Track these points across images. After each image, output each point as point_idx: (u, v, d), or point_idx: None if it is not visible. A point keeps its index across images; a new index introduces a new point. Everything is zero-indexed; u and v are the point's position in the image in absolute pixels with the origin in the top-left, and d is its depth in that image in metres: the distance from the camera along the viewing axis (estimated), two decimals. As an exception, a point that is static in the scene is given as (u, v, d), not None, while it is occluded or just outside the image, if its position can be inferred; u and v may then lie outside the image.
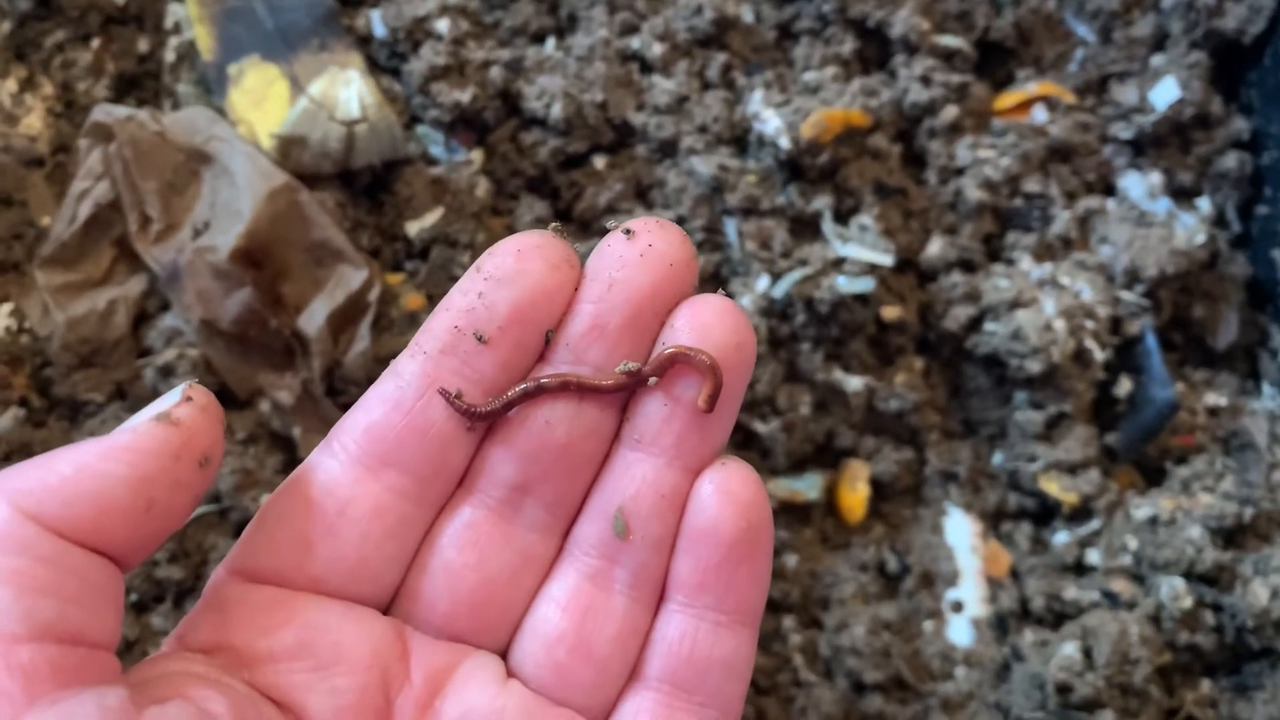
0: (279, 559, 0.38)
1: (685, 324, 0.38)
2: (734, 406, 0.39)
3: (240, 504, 0.72)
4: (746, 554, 0.39)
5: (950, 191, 0.86)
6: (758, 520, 0.39)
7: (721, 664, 0.39)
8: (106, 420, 0.73)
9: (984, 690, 0.77)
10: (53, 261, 0.75)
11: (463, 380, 0.38)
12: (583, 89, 0.83)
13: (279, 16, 0.81)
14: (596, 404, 0.39)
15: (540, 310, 0.38)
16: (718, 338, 0.38)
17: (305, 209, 0.74)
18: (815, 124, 0.81)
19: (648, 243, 0.38)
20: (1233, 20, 0.87)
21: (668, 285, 0.38)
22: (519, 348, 0.38)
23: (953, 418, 0.87)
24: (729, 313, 0.38)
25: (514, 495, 0.39)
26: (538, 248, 0.38)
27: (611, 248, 0.38)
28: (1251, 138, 0.88)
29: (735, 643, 0.39)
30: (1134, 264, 0.84)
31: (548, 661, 0.39)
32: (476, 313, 0.38)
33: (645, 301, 0.38)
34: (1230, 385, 0.87)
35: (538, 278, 0.37)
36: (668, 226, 0.38)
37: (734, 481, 0.39)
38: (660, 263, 0.38)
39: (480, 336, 0.38)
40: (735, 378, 0.38)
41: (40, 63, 0.83)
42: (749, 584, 0.39)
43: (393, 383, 0.38)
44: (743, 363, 0.38)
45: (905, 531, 0.84)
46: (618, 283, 0.38)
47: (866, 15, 0.87)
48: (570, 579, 0.40)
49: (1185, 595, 0.75)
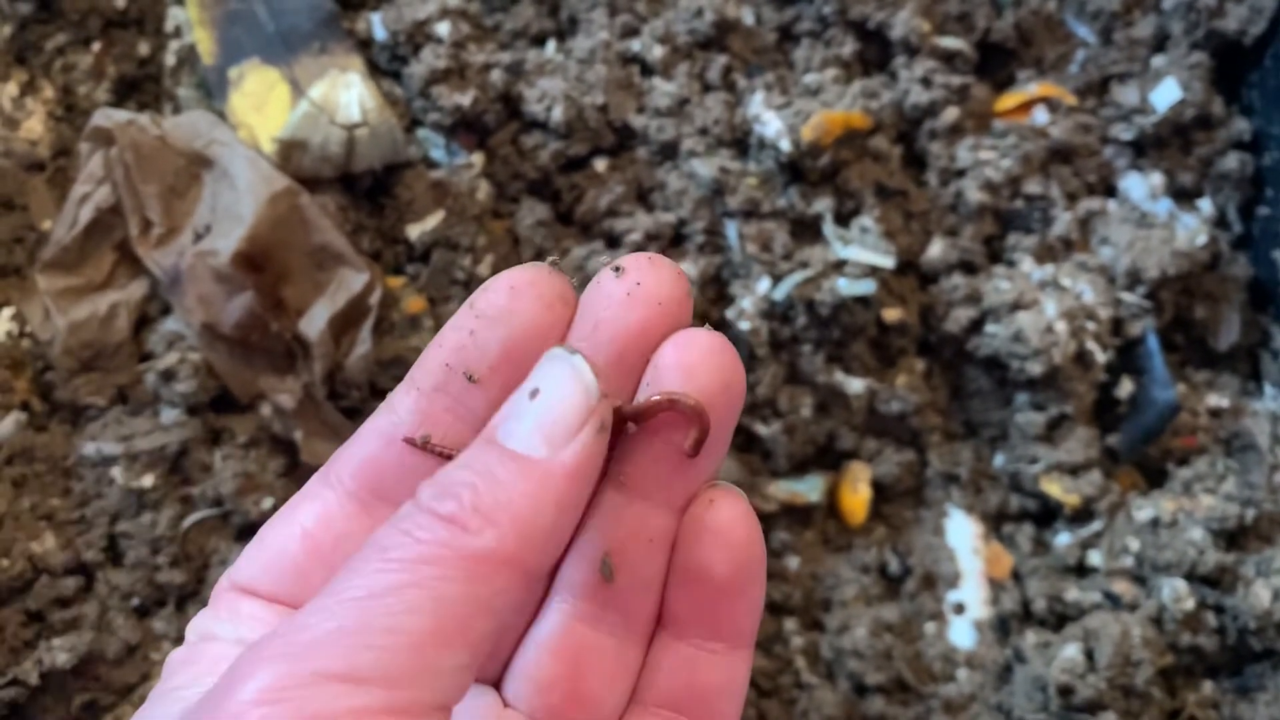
0: (276, 585, 0.38)
1: (671, 363, 0.36)
2: (722, 448, 0.38)
3: (241, 508, 0.72)
4: (740, 590, 0.38)
5: (951, 193, 0.86)
6: (749, 556, 0.38)
7: (719, 688, 0.39)
8: (108, 424, 0.73)
9: (986, 692, 0.77)
10: (54, 266, 0.75)
11: (454, 418, 0.37)
12: (583, 92, 0.83)
13: (280, 20, 0.81)
14: None
15: (531, 349, 0.36)
16: (703, 379, 0.36)
17: (306, 213, 0.74)
18: (816, 126, 0.81)
19: (635, 280, 0.36)
20: (1234, 21, 0.87)
21: (657, 322, 0.36)
22: (509, 388, 0.36)
23: (954, 419, 0.87)
24: (716, 351, 0.36)
25: None
26: (531, 284, 0.36)
27: (600, 285, 0.37)
28: (1253, 138, 0.88)
29: (731, 666, 0.39)
30: (1135, 265, 0.84)
31: (541, 705, 0.39)
32: (467, 351, 0.37)
33: (632, 341, 0.36)
34: (1232, 386, 0.87)
35: (530, 316, 0.36)
36: (659, 263, 0.37)
37: (724, 520, 0.37)
38: (649, 302, 0.36)
39: (470, 376, 0.37)
40: (723, 418, 0.37)
41: (41, 66, 0.83)
42: (744, 613, 0.39)
43: (387, 418, 0.38)
44: (730, 403, 0.37)
45: (907, 533, 0.84)
46: (604, 322, 0.36)
47: (867, 17, 0.87)
48: (559, 621, 0.39)
49: (1187, 597, 0.75)
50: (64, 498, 0.72)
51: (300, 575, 0.38)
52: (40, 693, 0.68)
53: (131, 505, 0.72)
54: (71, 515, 0.72)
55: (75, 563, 0.71)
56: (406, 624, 0.30)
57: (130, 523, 0.72)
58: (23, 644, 0.68)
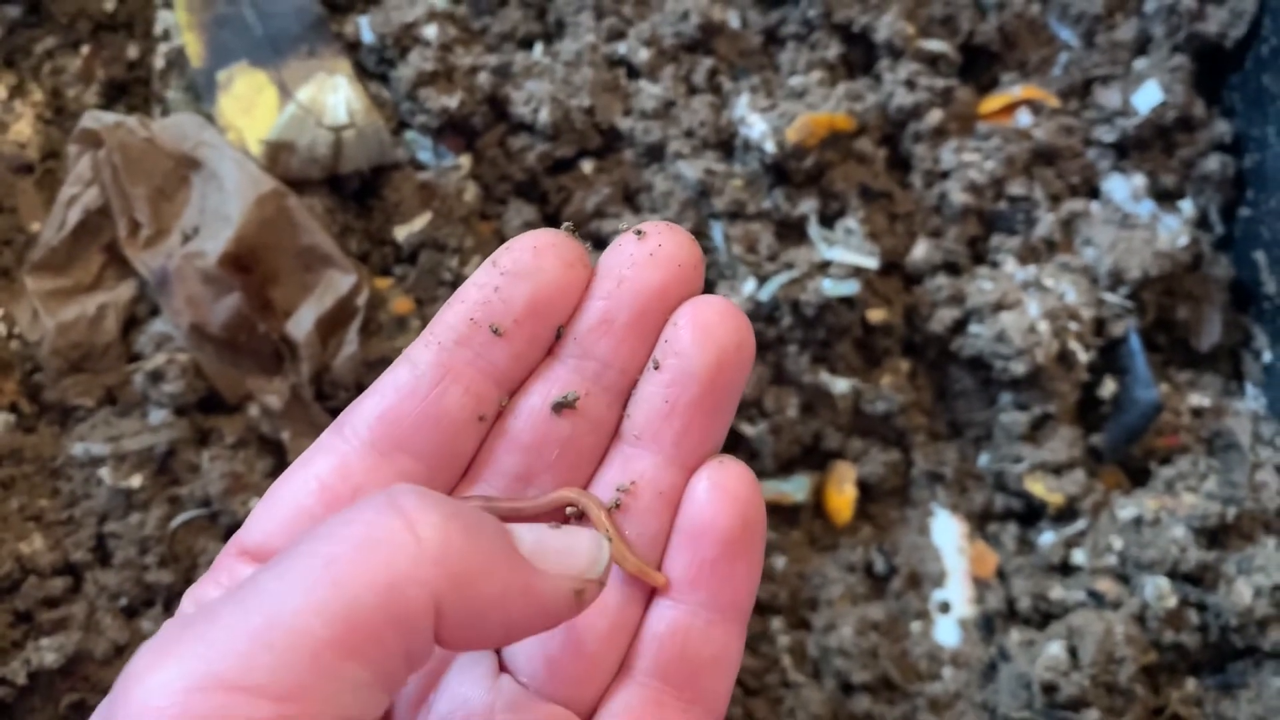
0: (290, 537, 0.38)
1: (688, 322, 0.39)
2: (733, 406, 0.40)
3: (229, 508, 0.72)
4: (742, 550, 0.39)
5: (935, 195, 0.87)
6: (754, 518, 0.39)
7: (711, 660, 0.40)
8: (96, 425, 0.74)
9: (971, 690, 0.77)
10: (42, 267, 0.75)
11: (476, 371, 0.39)
12: (570, 94, 0.83)
13: (268, 23, 0.81)
14: (604, 397, 0.40)
15: (555, 304, 0.39)
16: (719, 336, 0.38)
17: (294, 214, 0.74)
18: (801, 128, 0.82)
19: (658, 243, 0.39)
20: (1215, 24, 0.88)
21: (676, 284, 0.39)
22: (533, 341, 0.39)
23: (939, 419, 0.87)
24: (730, 313, 0.39)
25: (517, 486, 0.40)
26: (553, 245, 0.39)
27: (623, 247, 0.39)
28: (1234, 140, 0.89)
29: (725, 639, 0.40)
30: (1118, 266, 0.84)
31: (540, 655, 0.39)
32: (492, 305, 0.38)
33: (654, 298, 0.39)
34: (1214, 386, 0.88)
35: (554, 273, 0.39)
36: (677, 230, 0.39)
37: (731, 478, 0.39)
38: (670, 262, 0.39)
39: (496, 329, 0.38)
40: (735, 377, 0.39)
41: (30, 69, 0.84)
42: (742, 580, 0.40)
43: (408, 370, 0.39)
44: (742, 362, 0.39)
45: (892, 533, 0.84)
46: (627, 279, 0.39)
47: (851, 20, 0.88)
48: None
49: (1170, 595, 0.75)
50: (52, 498, 0.72)
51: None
52: (28, 693, 0.68)
53: (120, 505, 0.72)
54: (60, 516, 0.72)
55: (63, 563, 0.71)
56: (311, 628, 0.29)
57: (118, 523, 0.72)
58: (10, 644, 0.68)
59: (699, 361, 0.39)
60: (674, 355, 0.39)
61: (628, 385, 0.40)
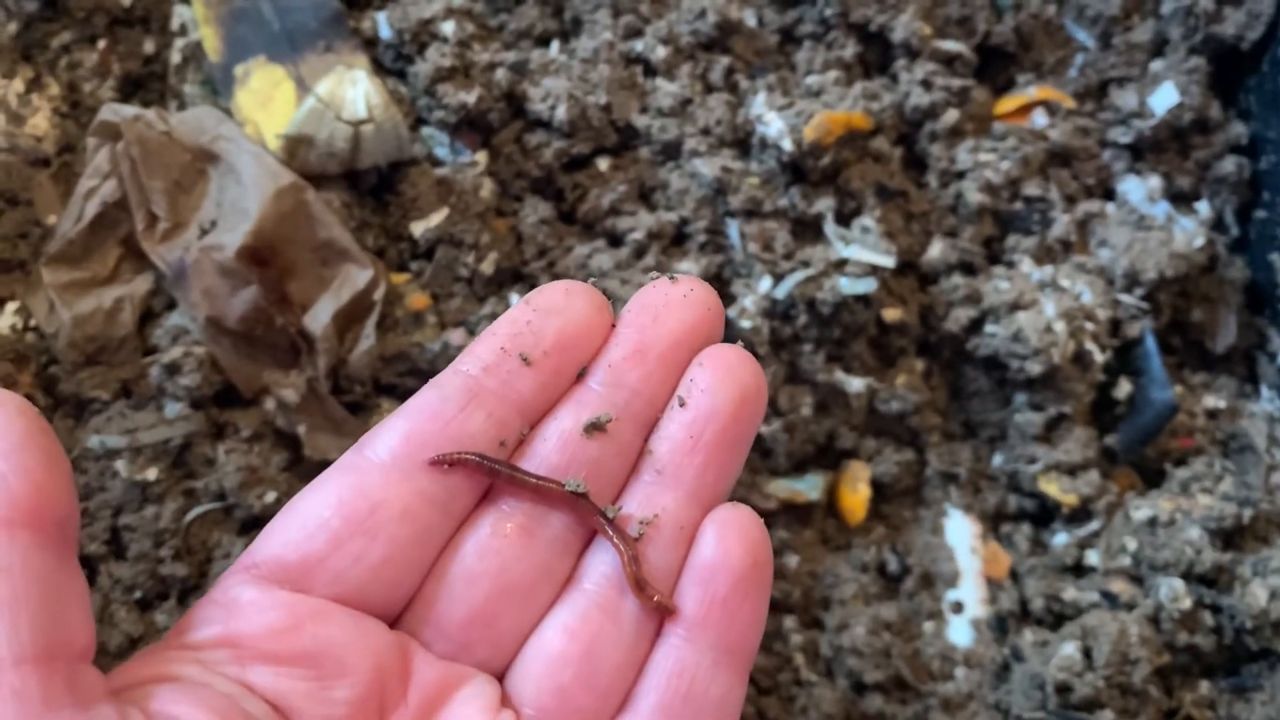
0: (306, 550, 0.38)
1: (712, 362, 0.42)
2: (748, 446, 0.43)
3: (245, 501, 0.72)
4: (752, 589, 0.41)
5: (951, 194, 0.87)
6: (763, 558, 0.41)
7: (715, 703, 0.40)
8: (112, 418, 0.74)
9: (984, 691, 0.77)
10: (59, 259, 0.75)
11: (501, 398, 0.41)
12: (587, 91, 0.83)
13: (285, 18, 0.81)
14: (631, 425, 0.42)
15: (581, 341, 0.42)
16: (741, 376, 0.42)
17: (312, 208, 0.74)
18: (817, 127, 0.82)
19: (690, 287, 0.43)
20: (1231, 26, 0.88)
21: (704, 326, 0.43)
22: (558, 373, 0.42)
23: (953, 419, 0.87)
24: (748, 358, 0.43)
25: (537, 512, 0.41)
26: (583, 291, 0.43)
27: (658, 288, 0.43)
28: (1250, 142, 0.89)
29: (729, 683, 0.41)
30: (1133, 267, 0.84)
31: (550, 685, 0.40)
32: (523, 337, 0.42)
33: (685, 335, 0.43)
34: (1229, 388, 0.88)
35: (583, 312, 0.42)
36: (704, 282, 0.44)
37: (744, 520, 0.41)
38: (700, 305, 0.43)
39: (525, 358, 0.41)
40: (754, 416, 0.42)
41: (47, 63, 0.84)
42: (749, 622, 0.41)
43: (435, 394, 0.41)
44: (760, 403, 0.43)
45: (905, 532, 0.84)
46: (662, 316, 0.43)
47: (868, 20, 0.88)
48: (580, 605, 0.41)
49: (1184, 596, 0.75)
50: (67, 490, 0.72)
51: (334, 540, 0.38)
52: (43, 684, 0.68)
53: (135, 498, 0.72)
54: (75, 508, 0.72)
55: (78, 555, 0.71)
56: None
57: (133, 516, 0.72)
58: (25, 636, 0.68)
59: (723, 398, 0.42)
60: (699, 392, 0.42)
61: (653, 416, 0.42)
